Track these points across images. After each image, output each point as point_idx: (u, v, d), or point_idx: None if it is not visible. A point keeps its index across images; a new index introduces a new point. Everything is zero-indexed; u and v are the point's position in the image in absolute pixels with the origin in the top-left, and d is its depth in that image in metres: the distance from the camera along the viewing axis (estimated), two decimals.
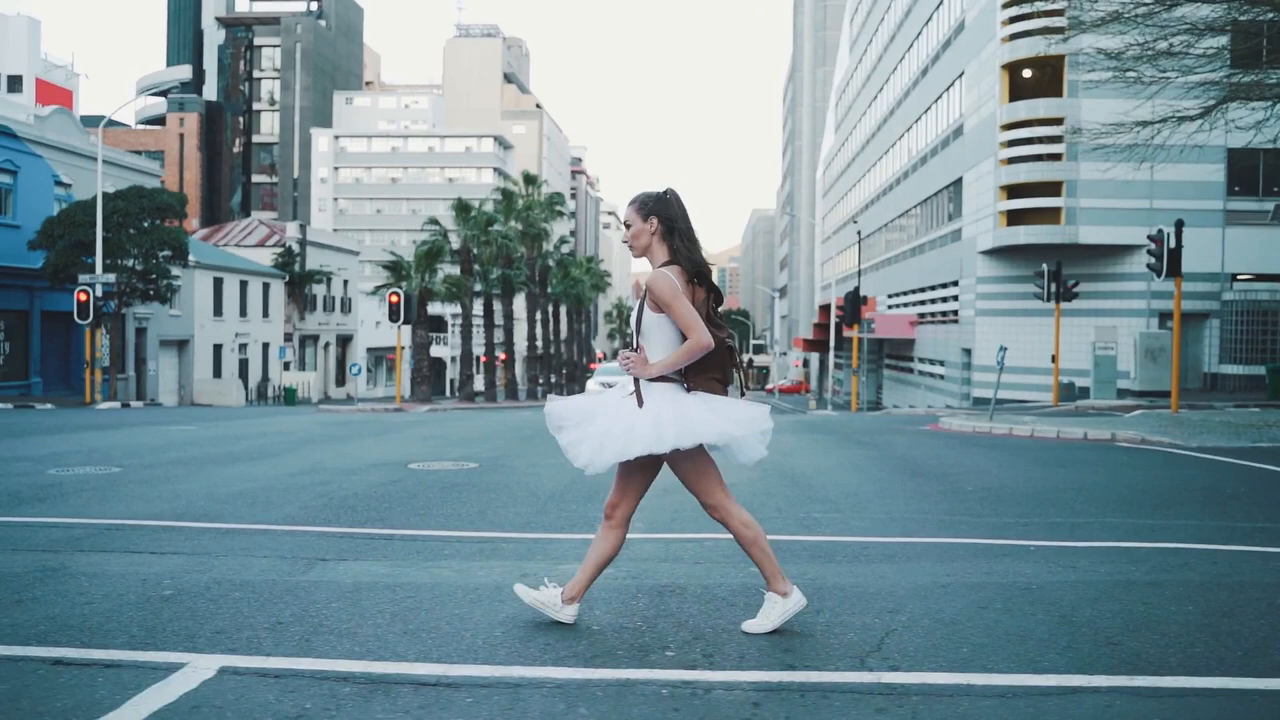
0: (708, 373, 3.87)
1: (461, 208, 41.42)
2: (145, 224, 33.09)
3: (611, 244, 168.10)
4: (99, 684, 3.29)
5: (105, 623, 4.04)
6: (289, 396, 48.28)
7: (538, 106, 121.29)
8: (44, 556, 5.44)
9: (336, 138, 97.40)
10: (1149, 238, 19.89)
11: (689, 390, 3.85)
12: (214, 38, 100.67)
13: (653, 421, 3.74)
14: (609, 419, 3.85)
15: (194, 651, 3.65)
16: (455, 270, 41.89)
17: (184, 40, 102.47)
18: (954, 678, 3.47)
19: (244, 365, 49.69)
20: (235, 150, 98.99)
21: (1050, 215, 31.42)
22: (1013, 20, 31.43)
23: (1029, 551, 5.90)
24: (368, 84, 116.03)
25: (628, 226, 3.99)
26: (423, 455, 11.63)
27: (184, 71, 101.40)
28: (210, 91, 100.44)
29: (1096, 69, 17.85)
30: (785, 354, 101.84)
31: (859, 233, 37.67)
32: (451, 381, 78.36)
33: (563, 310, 63.59)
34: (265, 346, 51.38)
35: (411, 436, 15.38)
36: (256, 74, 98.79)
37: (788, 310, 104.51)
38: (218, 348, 47.27)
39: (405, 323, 29.67)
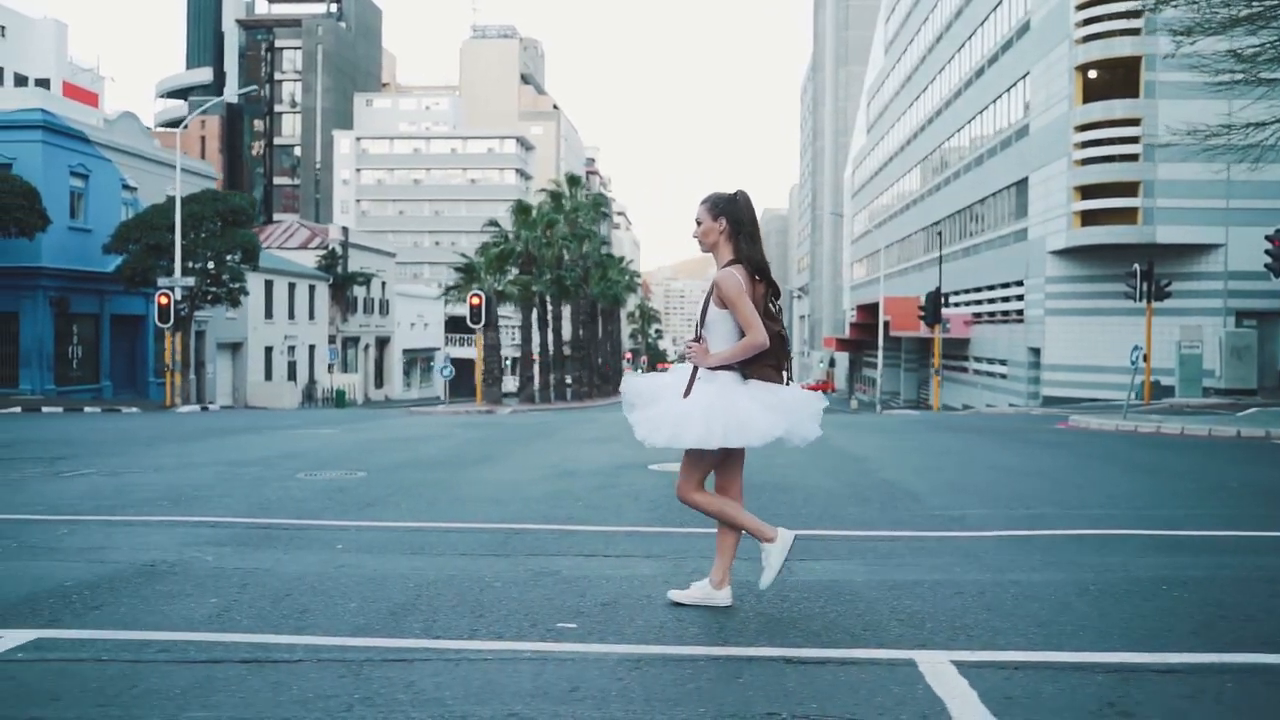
0: (764, 361, 4.17)
1: (522, 210, 41.55)
2: (214, 227, 33.14)
3: (622, 244, 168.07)
4: (866, 680, 3.41)
5: (737, 626, 4.15)
6: (339, 399, 48.38)
7: (555, 107, 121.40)
8: (521, 561, 5.55)
9: (358, 139, 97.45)
10: (1267, 238, 20.03)
11: (746, 378, 4.13)
12: (234, 40, 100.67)
13: (704, 417, 4.02)
14: (669, 403, 4.16)
15: (901, 649, 3.78)
16: (496, 272, 41.88)
17: (204, 42, 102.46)
18: None
19: (292, 368, 49.80)
20: (257, 153, 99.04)
21: (1125, 215, 31.60)
22: (1088, 22, 31.59)
23: None
24: (384, 85, 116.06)
25: (698, 224, 4.30)
26: (643, 458, 11.71)
27: (205, 74, 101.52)
28: (231, 93, 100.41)
29: (1227, 71, 17.96)
30: (807, 353, 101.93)
31: (940, 234, 37.86)
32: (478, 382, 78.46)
33: (597, 311, 63.60)
34: (311, 349, 51.49)
35: (570, 439, 15.41)
36: (278, 76, 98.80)
37: (809, 310, 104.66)
38: (269, 350, 47.38)
39: (487, 324, 29.77)
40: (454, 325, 76.04)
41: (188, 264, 32.13)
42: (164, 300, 30.04)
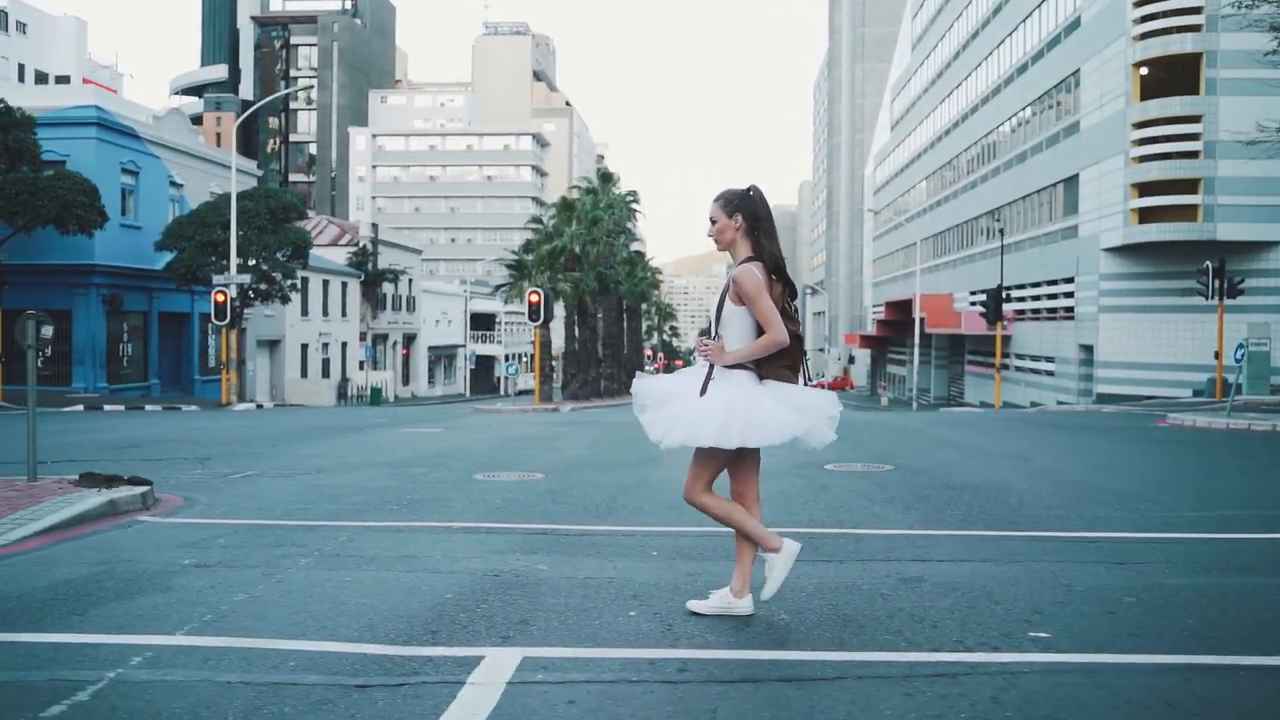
0: (780, 361, 4.05)
1: (566, 206, 41.40)
2: (265, 223, 32.95)
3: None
4: None
5: (1204, 631, 4.03)
6: (374, 396, 48.18)
7: (567, 104, 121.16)
8: (872, 567, 5.43)
9: (374, 136, 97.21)
10: None
11: (762, 378, 4.02)
12: (249, 37, 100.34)
13: (723, 414, 3.91)
14: (685, 402, 4.04)
15: None
16: (546, 270, 41.67)
17: (219, 39, 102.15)
18: None
19: (325, 365, 49.64)
20: (272, 150, 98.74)
21: (1184, 213, 31.49)
22: (1145, 19, 31.47)
23: None
24: (396, 82, 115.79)
25: (713, 222, 4.17)
26: (811, 459, 11.56)
27: (220, 71, 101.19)
28: (246, 90, 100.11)
29: None
30: (823, 350, 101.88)
31: (1001, 231, 37.67)
32: (499, 379, 78.23)
33: (623, 308, 63.41)
34: (344, 346, 51.34)
35: None
36: (293, 73, 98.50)
37: (824, 306, 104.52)
38: (304, 347, 47.22)
39: (545, 322, 29.65)
40: (477, 323, 75.89)
41: (241, 261, 31.96)
42: (220, 298, 29.83)
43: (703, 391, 4.02)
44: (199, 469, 10.70)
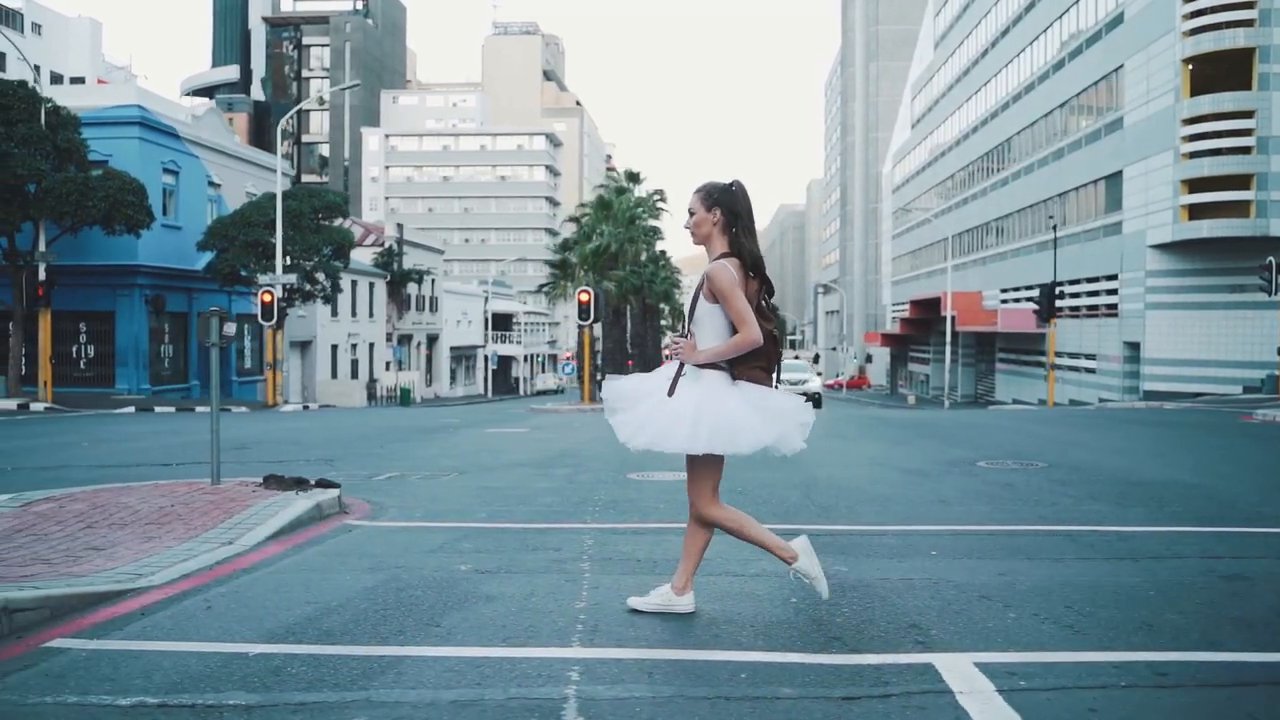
0: (753, 362, 3.91)
1: (603, 204, 41.22)
2: (310, 223, 32.75)
3: None
4: None
5: None
6: (404, 397, 47.99)
7: (577, 104, 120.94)
8: (1189, 564, 5.24)
9: (387, 136, 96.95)
10: None
11: (735, 379, 3.89)
12: (261, 37, 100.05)
13: (692, 420, 3.78)
14: (653, 403, 3.91)
15: None
16: (590, 270, 41.56)
17: (230, 40, 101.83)
18: None
19: (354, 366, 49.45)
20: (284, 151, 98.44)
21: (1236, 209, 31.33)
22: (1195, 14, 31.30)
23: None
24: (407, 83, 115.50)
25: (691, 214, 4.04)
26: (972, 455, 11.45)
27: (231, 72, 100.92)
28: (257, 91, 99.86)
29: None
30: (836, 349, 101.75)
31: (1054, 227, 37.44)
32: (516, 380, 78.03)
33: (644, 307, 63.13)
34: (371, 347, 51.14)
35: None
36: (305, 73, 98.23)
37: (838, 305, 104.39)
38: (334, 348, 47.02)
39: (594, 321, 29.46)
40: (497, 323, 75.71)
41: (285, 261, 31.75)
42: (267, 298, 29.57)
43: (671, 391, 3.88)
44: (332, 471, 10.48)
